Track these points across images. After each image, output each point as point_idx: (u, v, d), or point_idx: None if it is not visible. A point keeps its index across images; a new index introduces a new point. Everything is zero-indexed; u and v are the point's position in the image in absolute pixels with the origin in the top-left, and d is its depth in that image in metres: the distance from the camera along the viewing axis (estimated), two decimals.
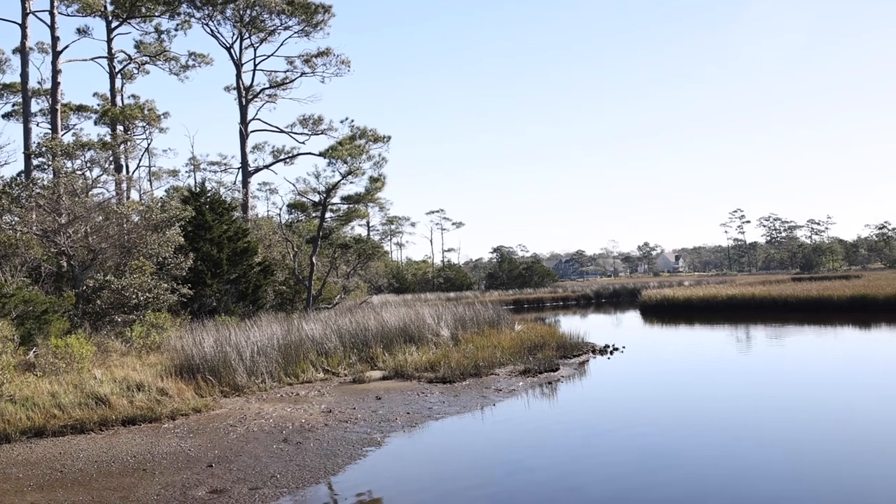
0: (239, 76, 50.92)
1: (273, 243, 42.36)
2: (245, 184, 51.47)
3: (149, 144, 61.30)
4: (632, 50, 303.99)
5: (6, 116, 54.05)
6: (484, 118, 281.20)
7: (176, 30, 50.66)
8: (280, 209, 65.46)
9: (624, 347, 27.03)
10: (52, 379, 16.60)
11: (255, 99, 52.35)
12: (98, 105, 52.07)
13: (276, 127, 52.81)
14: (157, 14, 49.02)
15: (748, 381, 19.82)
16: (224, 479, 10.72)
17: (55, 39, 41.16)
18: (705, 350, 28.34)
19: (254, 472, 11.06)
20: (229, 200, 41.36)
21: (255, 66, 51.92)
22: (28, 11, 39.98)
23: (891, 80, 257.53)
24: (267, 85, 53.22)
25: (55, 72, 41.40)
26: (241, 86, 51.07)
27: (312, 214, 41.90)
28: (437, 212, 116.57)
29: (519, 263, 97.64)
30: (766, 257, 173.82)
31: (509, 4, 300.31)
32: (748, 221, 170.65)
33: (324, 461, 11.68)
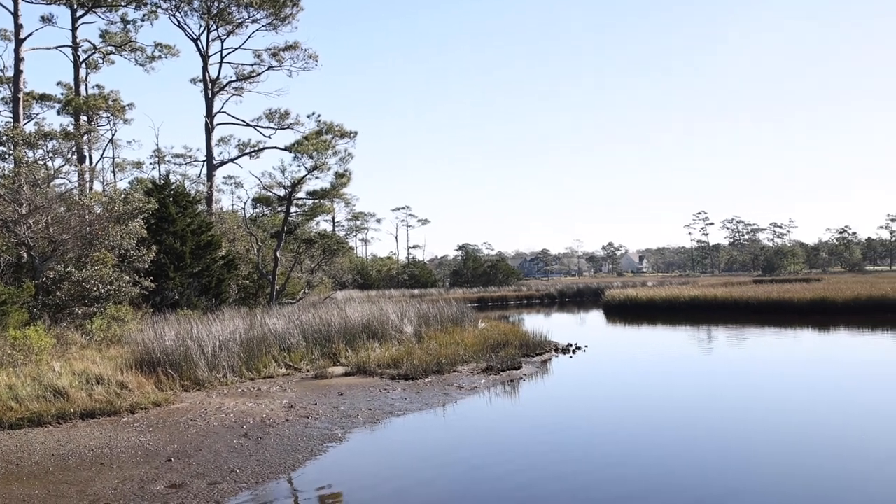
0: (205, 68, 50.55)
1: (237, 237, 42.17)
2: (210, 177, 51.11)
3: (113, 135, 60.84)
4: (597, 48, 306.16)
5: None
6: (451, 115, 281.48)
7: (142, 20, 50.19)
8: (245, 203, 64.99)
9: (586, 346, 27.29)
10: (10, 371, 16.43)
11: (222, 92, 52.02)
12: (62, 94, 51.32)
13: (242, 120, 52.61)
14: (123, 4, 48.52)
15: (707, 382, 20.12)
16: (183, 474, 10.70)
17: (18, 27, 40.56)
18: (666, 350, 28.71)
19: (213, 467, 11.04)
20: (194, 193, 41.07)
21: (222, 58, 51.69)
22: None
23: (856, 85, 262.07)
24: (233, 78, 52.94)
25: (17, 60, 40.79)
26: (208, 78, 50.70)
27: (277, 209, 41.75)
28: (402, 208, 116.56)
29: (484, 261, 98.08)
30: (729, 259, 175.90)
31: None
32: (712, 223, 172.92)
33: (284, 456, 11.69)
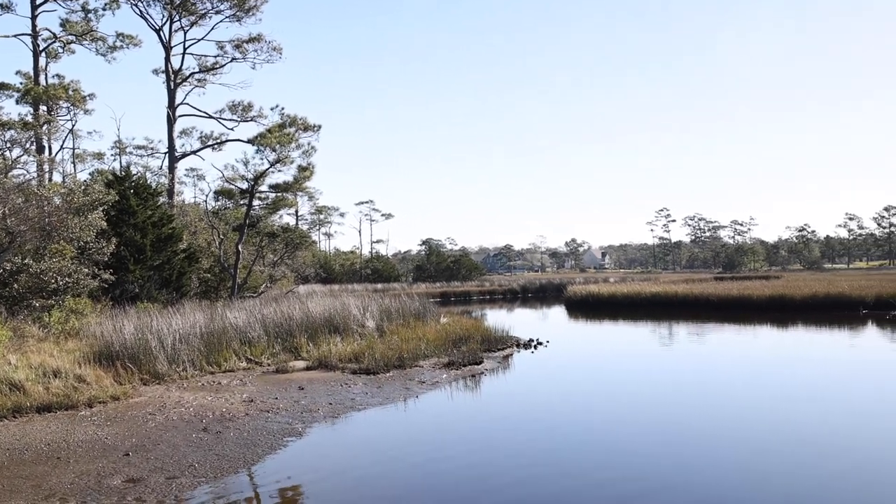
0: (168, 59, 50.00)
1: (199, 230, 41.81)
2: (171, 169, 50.56)
3: (73, 126, 59.92)
4: (563, 47, 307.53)
5: None
6: (416, 110, 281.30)
7: (104, 9, 49.56)
8: (207, 196, 64.56)
9: (548, 342, 27.50)
10: None
11: (184, 83, 51.45)
12: (20, 84, 50.31)
13: (204, 112, 52.09)
14: None
15: (666, 378, 20.37)
16: (141, 468, 10.64)
17: None
18: (627, 346, 29.05)
19: (172, 462, 11.00)
20: (155, 185, 40.58)
21: (185, 49, 51.13)
22: None
23: (816, 84, 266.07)
24: (196, 69, 52.37)
25: None
26: (170, 69, 50.15)
27: (240, 202, 41.51)
28: (366, 202, 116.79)
29: (447, 256, 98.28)
30: (691, 256, 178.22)
31: None
32: (674, 220, 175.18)
33: (244, 451, 11.67)
